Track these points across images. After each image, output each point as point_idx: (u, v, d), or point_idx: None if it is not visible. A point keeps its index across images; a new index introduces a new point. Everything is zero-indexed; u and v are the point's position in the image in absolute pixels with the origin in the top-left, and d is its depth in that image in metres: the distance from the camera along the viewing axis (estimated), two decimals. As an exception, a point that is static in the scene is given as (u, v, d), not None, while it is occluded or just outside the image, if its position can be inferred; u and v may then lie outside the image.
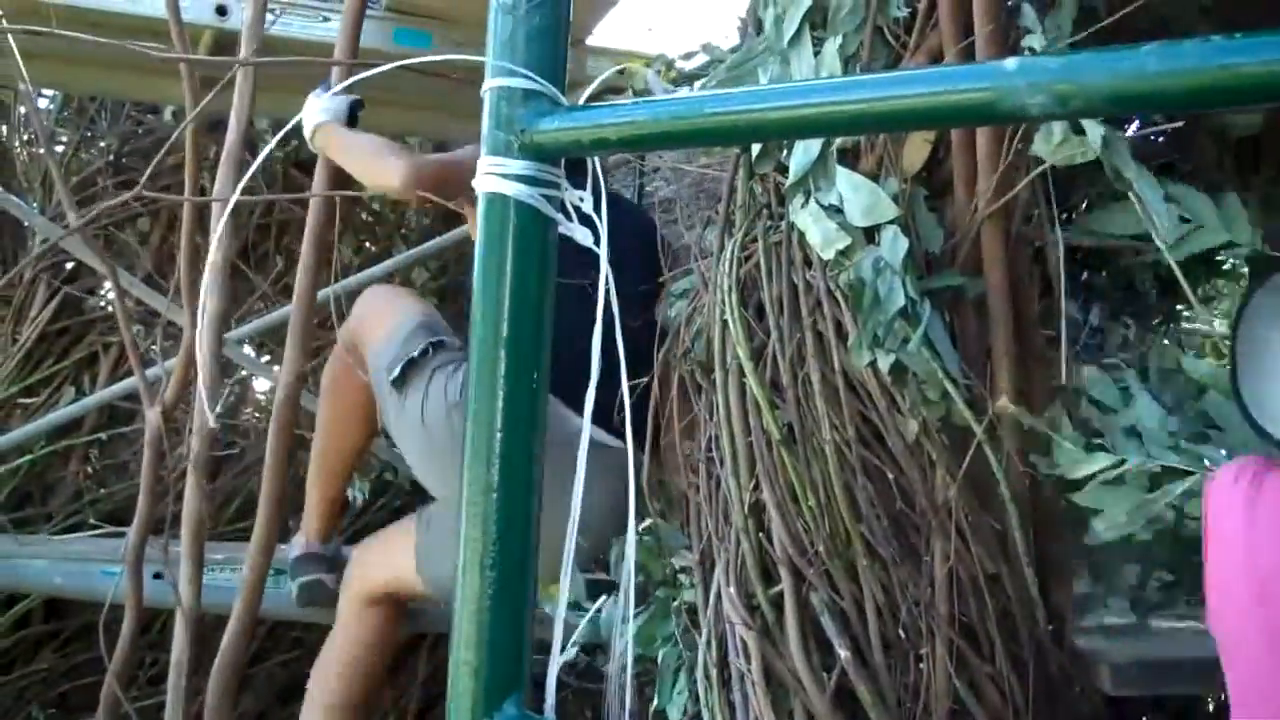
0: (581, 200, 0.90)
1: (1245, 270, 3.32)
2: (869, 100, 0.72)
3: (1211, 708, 2.70)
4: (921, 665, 1.88)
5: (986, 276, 1.84)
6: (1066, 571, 1.96)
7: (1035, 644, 1.88)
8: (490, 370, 0.89)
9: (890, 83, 0.74)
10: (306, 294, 2.56)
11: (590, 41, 3.70)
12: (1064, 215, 3.56)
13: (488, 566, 0.87)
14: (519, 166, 0.88)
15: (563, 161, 0.91)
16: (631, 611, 2.14)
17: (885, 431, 1.89)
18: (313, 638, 3.98)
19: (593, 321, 0.93)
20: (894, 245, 1.84)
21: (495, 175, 0.89)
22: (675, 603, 2.12)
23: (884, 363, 1.84)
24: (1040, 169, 1.74)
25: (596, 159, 0.96)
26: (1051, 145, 1.69)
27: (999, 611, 1.87)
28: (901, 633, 1.88)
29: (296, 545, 2.92)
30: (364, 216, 4.75)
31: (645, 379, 2.35)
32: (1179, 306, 4.61)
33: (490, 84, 0.90)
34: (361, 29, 2.61)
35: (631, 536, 1.16)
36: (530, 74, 0.89)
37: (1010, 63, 0.68)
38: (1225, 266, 4.23)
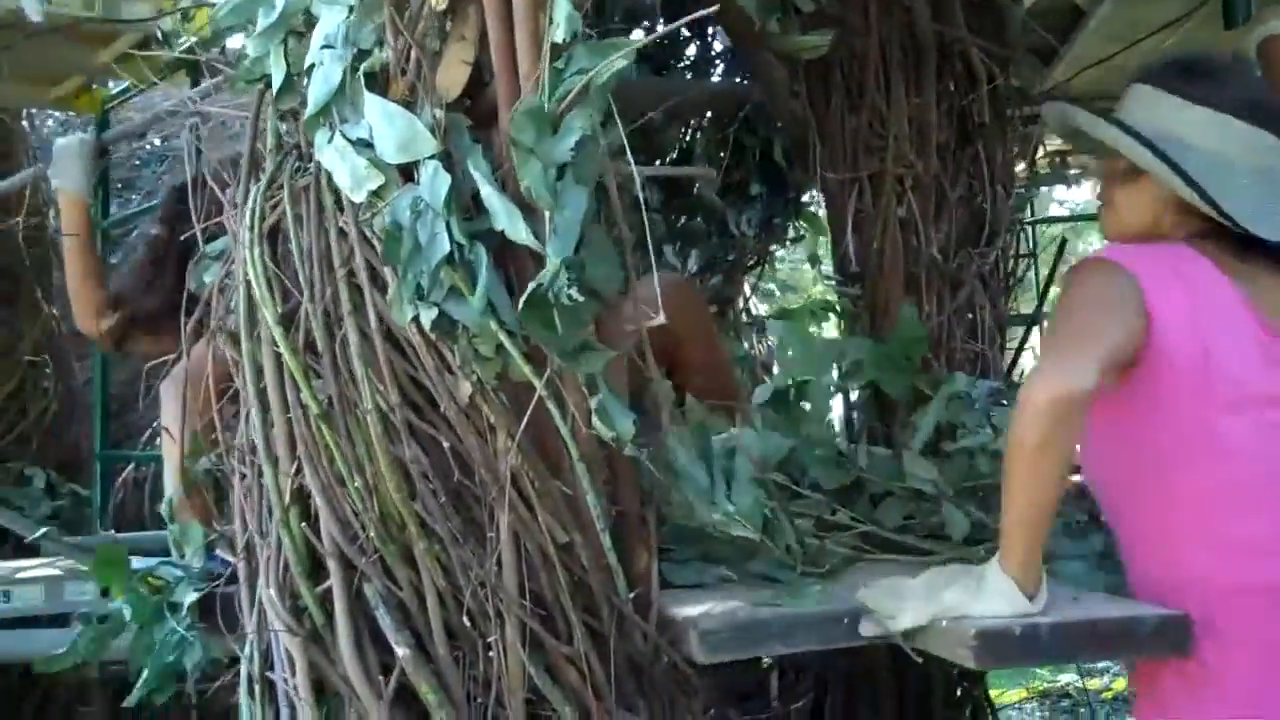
0: None
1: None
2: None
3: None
4: (492, 653, 1.67)
5: (543, 214, 1.64)
6: (649, 534, 1.80)
7: (617, 616, 1.71)
8: None
9: None
10: None
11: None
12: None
13: None
14: None
15: None
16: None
17: (437, 395, 1.67)
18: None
19: None
20: (434, 183, 1.61)
21: None
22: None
23: (427, 317, 1.61)
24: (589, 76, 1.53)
25: None
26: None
27: (573, 585, 1.68)
28: (467, 620, 1.66)
29: None
30: None
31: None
32: (774, 248, 4.67)
33: None
34: None
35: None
36: None
37: None
38: (811, 208, 4.30)
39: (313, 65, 1.68)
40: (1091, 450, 1.80)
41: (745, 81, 3.91)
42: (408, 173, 1.65)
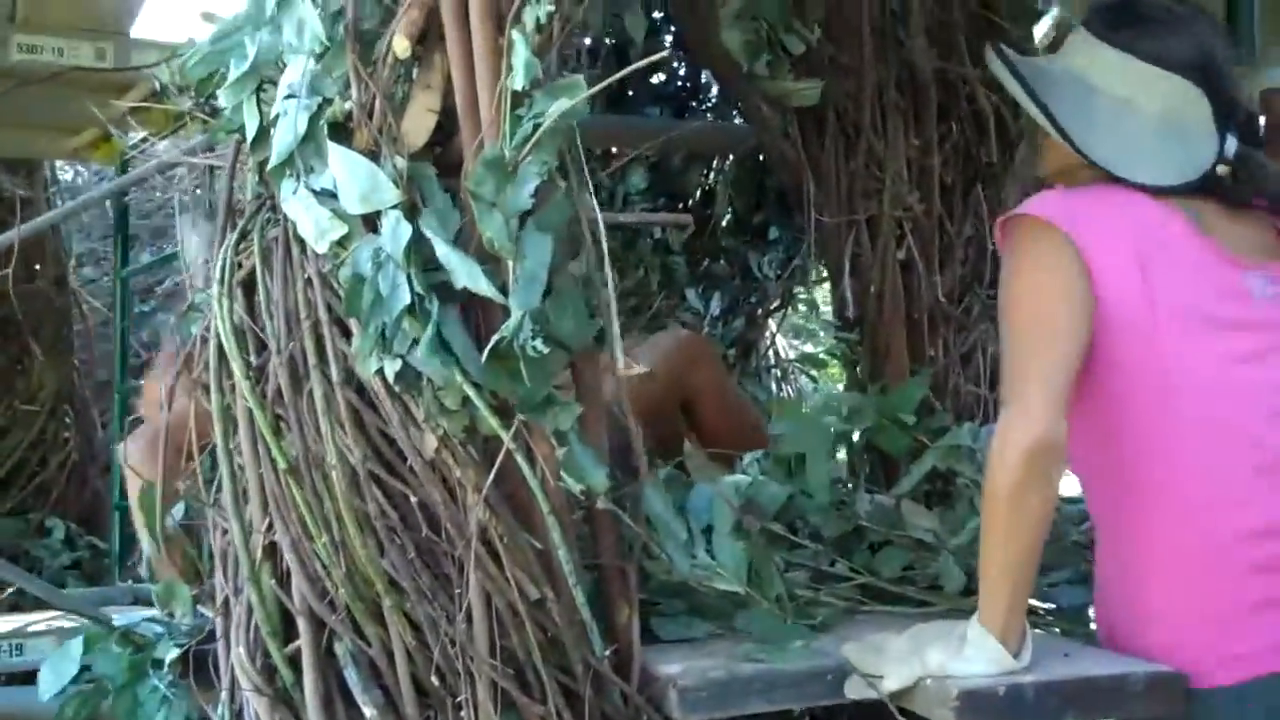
0: None
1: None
2: None
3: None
4: (463, 713, 1.63)
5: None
6: (630, 588, 1.75)
7: (592, 674, 1.66)
8: None
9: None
10: None
11: (135, 32, 3.31)
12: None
13: None
14: None
15: None
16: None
17: (405, 449, 1.64)
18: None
19: None
20: (396, 233, 1.58)
21: None
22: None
23: (391, 369, 1.58)
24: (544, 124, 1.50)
25: None
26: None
27: (546, 642, 1.64)
28: (437, 678, 1.62)
29: None
30: None
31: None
32: (796, 289, 4.62)
33: None
34: None
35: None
36: None
37: None
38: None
39: (279, 115, 1.67)
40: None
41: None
42: (371, 223, 1.62)
